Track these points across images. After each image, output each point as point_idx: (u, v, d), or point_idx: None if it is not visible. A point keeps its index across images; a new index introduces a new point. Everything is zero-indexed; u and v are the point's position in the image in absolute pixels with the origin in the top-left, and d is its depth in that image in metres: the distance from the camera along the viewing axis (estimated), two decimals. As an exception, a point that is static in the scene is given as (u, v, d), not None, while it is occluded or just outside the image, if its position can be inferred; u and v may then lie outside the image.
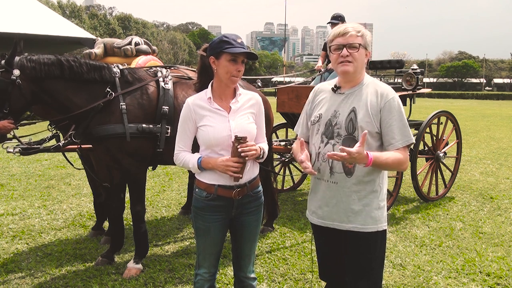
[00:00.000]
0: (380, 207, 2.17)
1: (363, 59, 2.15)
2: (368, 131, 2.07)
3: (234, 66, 2.21)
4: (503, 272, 3.68)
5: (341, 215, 2.17)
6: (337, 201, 2.17)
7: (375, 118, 2.10)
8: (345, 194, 2.16)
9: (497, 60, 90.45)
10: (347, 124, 2.13)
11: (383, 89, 2.15)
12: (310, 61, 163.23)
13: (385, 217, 2.21)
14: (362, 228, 2.14)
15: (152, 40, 56.04)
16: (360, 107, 2.12)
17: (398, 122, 2.09)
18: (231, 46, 2.19)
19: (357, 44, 2.10)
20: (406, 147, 2.11)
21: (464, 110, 27.26)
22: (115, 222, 3.81)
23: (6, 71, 3.11)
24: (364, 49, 2.13)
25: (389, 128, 2.09)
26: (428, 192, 5.82)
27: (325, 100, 2.27)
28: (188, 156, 2.31)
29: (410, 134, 2.11)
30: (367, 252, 2.18)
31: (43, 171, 7.51)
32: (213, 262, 2.42)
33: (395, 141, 2.09)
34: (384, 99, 2.11)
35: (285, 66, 21.91)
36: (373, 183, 2.15)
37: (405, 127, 2.11)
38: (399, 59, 6.59)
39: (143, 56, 4.40)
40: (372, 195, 2.15)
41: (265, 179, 4.21)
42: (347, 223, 2.16)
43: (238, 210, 2.33)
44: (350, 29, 2.12)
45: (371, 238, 2.16)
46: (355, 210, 2.14)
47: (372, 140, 2.11)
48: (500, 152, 10.06)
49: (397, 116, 2.10)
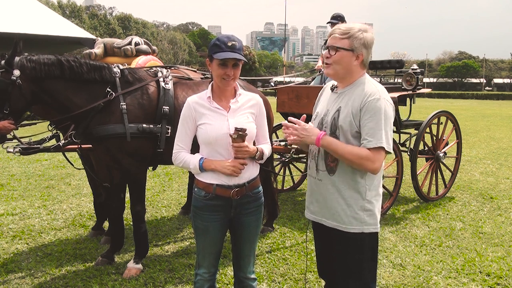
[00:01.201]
0: (365, 209, 2.14)
1: (347, 62, 2.11)
2: (348, 130, 2.09)
3: (223, 70, 2.23)
4: (503, 272, 3.68)
5: (327, 213, 2.20)
6: (323, 198, 2.21)
7: (355, 117, 2.08)
8: (328, 192, 2.17)
9: (497, 60, 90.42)
10: (331, 122, 2.16)
11: (370, 90, 2.10)
12: (310, 61, 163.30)
13: (375, 220, 2.16)
14: (346, 228, 2.14)
15: (152, 40, 56.03)
16: (344, 106, 2.13)
17: (373, 123, 2.04)
18: (220, 50, 2.20)
19: (336, 47, 2.10)
20: (379, 149, 2.04)
21: (464, 110, 27.25)
22: (115, 222, 3.81)
23: (6, 71, 3.10)
24: (349, 51, 2.09)
25: (363, 129, 2.07)
26: (428, 192, 5.82)
27: (324, 98, 2.33)
28: (188, 156, 2.32)
29: (381, 138, 2.03)
30: (353, 252, 2.17)
31: (43, 171, 7.51)
32: (212, 262, 2.42)
33: (365, 141, 2.05)
34: (366, 99, 2.07)
35: (285, 66, 21.89)
36: (356, 183, 2.13)
37: (379, 130, 2.03)
38: (399, 59, 6.59)
39: (143, 56, 4.40)
40: (356, 196, 2.13)
41: (265, 179, 4.22)
42: (332, 221, 2.18)
43: (237, 210, 2.33)
44: (337, 30, 2.12)
45: (357, 238, 2.15)
46: (339, 209, 2.15)
47: (354, 140, 2.11)
48: (500, 152, 10.06)
49: (373, 117, 2.04)
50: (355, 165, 2.08)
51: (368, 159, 2.04)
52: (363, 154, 2.04)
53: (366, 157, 2.03)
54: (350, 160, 2.07)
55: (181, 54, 63.46)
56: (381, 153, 2.05)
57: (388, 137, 2.06)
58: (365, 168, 2.07)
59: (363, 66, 2.16)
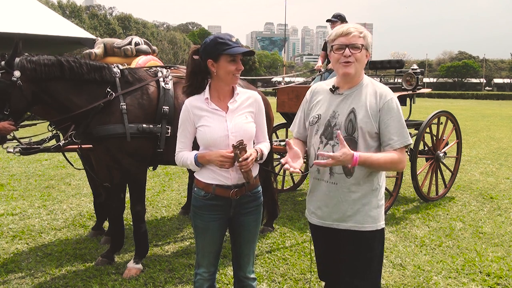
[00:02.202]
0: (379, 206, 2.19)
1: (364, 61, 2.17)
2: (367, 131, 2.10)
3: (234, 66, 2.24)
4: (503, 272, 3.68)
5: (341, 215, 2.18)
6: (337, 201, 2.18)
7: (374, 118, 2.12)
8: (344, 194, 2.17)
9: (497, 60, 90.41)
10: (346, 124, 2.13)
11: (382, 90, 2.17)
12: (310, 61, 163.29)
13: (383, 216, 2.23)
14: (362, 227, 2.16)
15: (152, 40, 55.98)
16: (359, 107, 2.13)
17: (396, 123, 2.11)
18: (229, 47, 2.20)
19: (360, 45, 2.11)
20: (404, 148, 2.13)
21: (464, 110, 27.26)
22: (115, 222, 3.81)
23: (7, 72, 3.10)
24: (365, 50, 2.15)
25: (387, 129, 2.11)
26: (428, 192, 5.82)
27: (323, 100, 2.26)
28: (186, 153, 2.34)
29: (407, 135, 2.13)
30: (366, 251, 2.19)
31: (43, 171, 7.51)
32: (212, 261, 2.42)
33: (392, 142, 2.10)
34: (383, 100, 2.13)
35: (285, 66, 21.86)
36: (372, 182, 2.16)
37: (403, 128, 2.12)
38: (399, 59, 6.59)
39: (143, 56, 4.40)
40: (371, 194, 2.17)
41: (265, 179, 4.22)
42: (346, 222, 2.18)
43: (237, 209, 2.33)
44: (353, 29, 2.12)
45: (370, 236, 2.17)
46: (355, 209, 2.16)
47: (371, 140, 2.13)
48: (500, 152, 10.06)
49: (395, 117, 2.12)
50: (390, 169, 2.18)
51: (400, 161, 2.12)
52: (395, 158, 2.09)
53: (398, 159, 2.10)
54: (387, 168, 2.15)
55: (181, 54, 63.40)
56: (404, 150, 2.14)
57: (409, 134, 2.17)
58: (398, 168, 2.18)
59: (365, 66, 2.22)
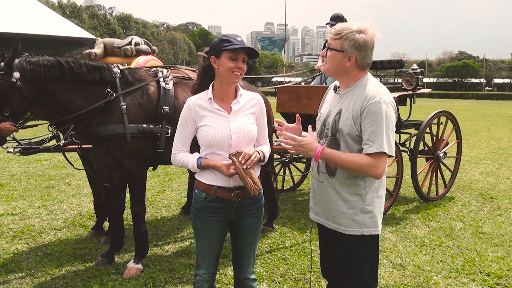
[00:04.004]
0: (366, 211, 2.11)
1: (337, 63, 2.09)
2: (347, 133, 2.07)
3: (234, 63, 2.21)
4: (503, 272, 3.68)
5: (328, 214, 2.19)
6: (324, 200, 2.20)
7: (356, 121, 2.04)
8: (329, 194, 2.17)
9: (497, 60, 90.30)
10: (332, 125, 2.14)
11: (370, 92, 2.05)
12: (310, 61, 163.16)
13: (376, 223, 2.14)
14: (345, 230, 2.13)
15: (152, 40, 55.94)
16: (345, 109, 2.10)
17: (374, 128, 1.99)
18: (230, 43, 2.21)
19: (328, 47, 2.12)
20: (380, 154, 2.00)
21: (464, 110, 27.25)
22: (115, 222, 3.81)
23: (6, 73, 3.10)
24: (340, 52, 2.06)
25: (364, 133, 2.03)
26: (428, 192, 5.82)
27: (328, 99, 2.32)
28: (187, 156, 2.31)
29: (383, 142, 1.98)
30: (353, 255, 2.17)
31: (43, 171, 7.51)
32: (212, 263, 2.42)
33: (366, 146, 2.01)
34: (367, 102, 2.02)
35: (285, 66, 21.89)
36: (356, 186, 2.11)
37: (380, 134, 1.99)
38: (399, 59, 6.59)
39: (143, 56, 4.40)
40: (356, 198, 2.12)
41: (266, 180, 4.22)
42: (332, 223, 2.18)
43: (238, 212, 2.32)
44: (332, 30, 2.12)
45: (356, 241, 2.13)
46: (339, 211, 2.14)
47: (354, 143, 2.08)
48: (500, 152, 10.06)
49: (375, 121, 1.99)
50: (358, 173, 2.05)
51: (371, 166, 2.00)
52: (364, 161, 2.00)
53: (368, 163, 2.00)
54: (352, 169, 2.04)
55: (181, 54, 63.41)
56: (383, 158, 2.01)
57: (390, 141, 2.02)
58: (368, 174, 2.04)
59: (361, 68, 2.10)
